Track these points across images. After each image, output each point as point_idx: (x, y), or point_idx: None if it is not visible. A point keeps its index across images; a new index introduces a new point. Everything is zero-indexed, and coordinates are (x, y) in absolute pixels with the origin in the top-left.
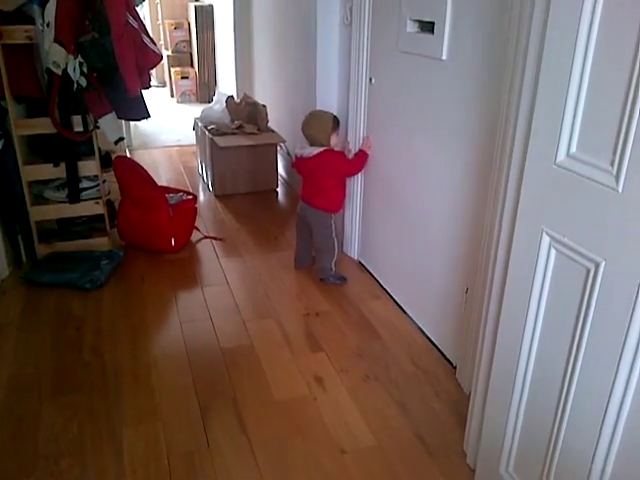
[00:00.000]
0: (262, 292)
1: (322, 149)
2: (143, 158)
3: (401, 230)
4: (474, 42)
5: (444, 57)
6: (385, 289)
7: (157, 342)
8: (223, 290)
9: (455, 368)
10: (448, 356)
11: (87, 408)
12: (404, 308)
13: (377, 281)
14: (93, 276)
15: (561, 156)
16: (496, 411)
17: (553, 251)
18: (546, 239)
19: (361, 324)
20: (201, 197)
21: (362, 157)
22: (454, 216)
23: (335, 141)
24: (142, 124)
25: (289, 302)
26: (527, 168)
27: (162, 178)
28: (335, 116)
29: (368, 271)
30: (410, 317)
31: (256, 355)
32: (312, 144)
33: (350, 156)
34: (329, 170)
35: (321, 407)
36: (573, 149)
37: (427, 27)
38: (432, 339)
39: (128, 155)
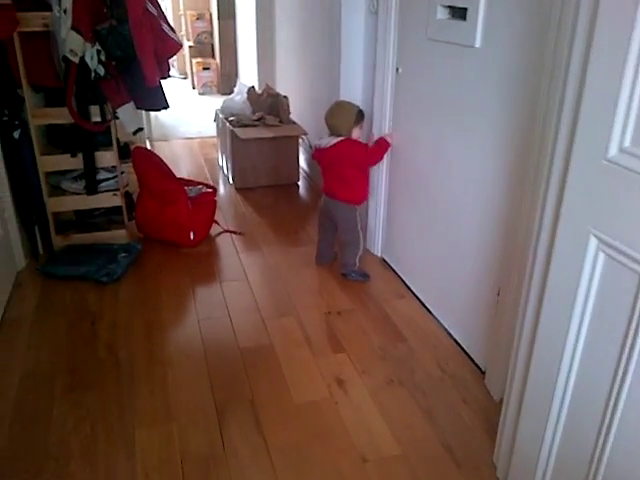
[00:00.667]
0: (282, 289)
1: (340, 138)
2: (163, 150)
3: (428, 227)
4: (510, 27)
5: (477, 44)
6: (410, 288)
7: (173, 339)
8: (242, 286)
9: (484, 373)
10: (476, 360)
11: (100, 407)
12: (429, 308)
13: (401, 279)
14: (110, 269)
15: (612, 151)
16: (531, 425)
17: (601, 255)
18: (593, 242)
19: (385, 324)
20: (221, 190)
21: (382, 145)
22: (486, 213)
23: (357, 134)
24: (162, 115)
25: (310, 300)
26: (573, 164)
27: (182, 170)
28: (361, 110)
29: (392, 269)
30: (436, 318)
31: (275, 355)
32: (332, 134)
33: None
34: (348, 160)
35: (342, 412)
36: (626, 143)
37: (459, 13)
38: (459, 342)
39: (148, 146)
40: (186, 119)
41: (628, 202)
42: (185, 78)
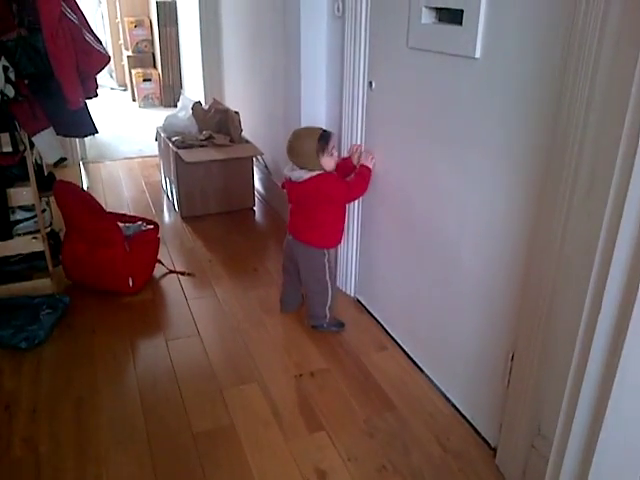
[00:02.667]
0: (242, 345)
1: (313, 174)
2: (99, 172)
3: (414, 265)
4: (520, 33)
5: (477, 55)
6: (392, 337)
7: (109, 424)
8: (193, 344)
9: (494, 450)
10: (483, 434)
11: None
12: (418, 364)
13: (381, 326)
14: (30, 332)
15: None
16: None
17: None
18: None
19: (368, 388)
20: (166, 219)
21: (364, 175)
22: (494, 259)
23: (329, 163)
24: (100, 133)
25: (276, 358)
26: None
27: (121, 196)
28: (323, 132)
29: (368, 312)
30: (428, 377)
31: (238, 440)
32: (302, 168)
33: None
34: (324, 198)
35: None
36: None
37: (450, 16)
38: (459, 408)
39: (82, 170)
40: (126, 136)
41: None
42: (125, 90)
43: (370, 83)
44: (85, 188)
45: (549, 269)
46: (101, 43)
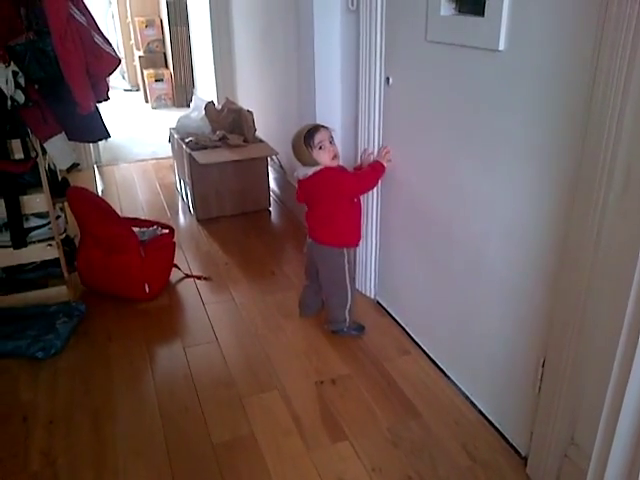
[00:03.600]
0: (261, 351)
1: (316, 169)
2: (113, 176)
3: (436, 268)
4: (549, 22)
5: (501, 47)
6: (414, 340)
7: (128, 435)
8: (211, 351)
9: (525, 459)
10: (512, 441)
11: None
12: (443, 368)
13: (403, 329)
14: (46, 342)
15: None
16: None
17: None
18: None
19: (391, 394)
20: (181, 221)
21: (376, 170)
22: (522, 260)
23: (325, 157)
24: (113, 135)
25: (296, 364)
26: None
27: (136, 199)
28: (309, 130)
29: (390, 315)
30: (453, 381)
31: (258, 449)
32: (306, 165)
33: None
34: (331, 191)
35: None
36: None
37: (471, 7)
38: (487, 415)
39: (97, 173)
40: (139, 138)
41: None
42: (137, 90)
43: (387, 79)
44: (100, 192)
45: (582, 271)
46: (111, 45)
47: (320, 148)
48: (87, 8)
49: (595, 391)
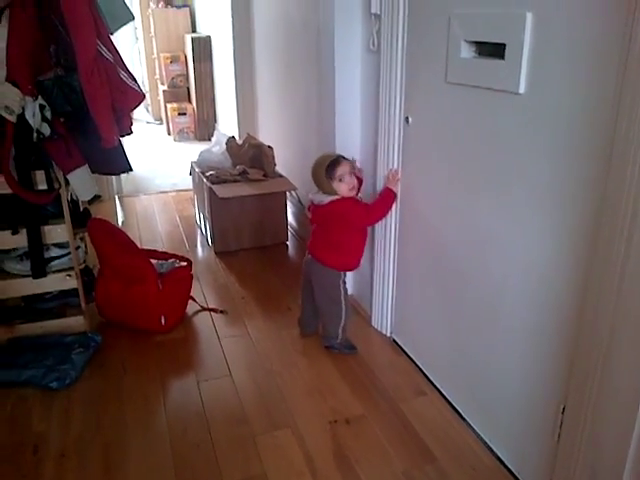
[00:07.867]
0: (274, 387)
1: (333, 198)
2: (134, 207)
3: (454, 308)
4: (569, 65)
5: (521, 90)
6: (431, 381)
7: (139, 472)
8: (225, 386)
9: None
10: None
11: None
12: (460, 411)
13: (419, 368)
14: (61, 372)
15: None
16: None
17: None
18: None
19: (406, 436)
20: (199, 253)
21: (387, 199)
22: (542, 303)
23: (344, 189)
24: (135, 166)
25: (310, 403)
26: None
27: (155, 230)
28: (332, 161)
29: (406, 353)
30: (470, 425)
31: None
32: (323, 193)
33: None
34: (343, 222)
35: None
36: None
37: (491, 50)
38: (505, 462)
39: (118, 204)
40: (161, 170)
41: None
42: (160, 124)
43: (407, 118)
44: (120, 223)
45: (605, 315)
46: (136, 80)
47: (340, 180)
48: (114, 46)
49: (618, 440)
